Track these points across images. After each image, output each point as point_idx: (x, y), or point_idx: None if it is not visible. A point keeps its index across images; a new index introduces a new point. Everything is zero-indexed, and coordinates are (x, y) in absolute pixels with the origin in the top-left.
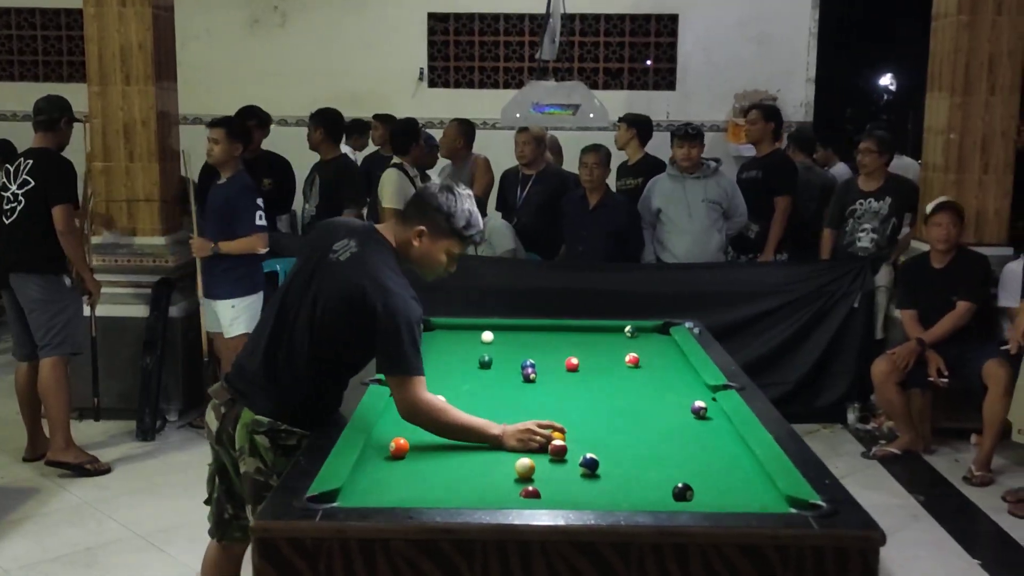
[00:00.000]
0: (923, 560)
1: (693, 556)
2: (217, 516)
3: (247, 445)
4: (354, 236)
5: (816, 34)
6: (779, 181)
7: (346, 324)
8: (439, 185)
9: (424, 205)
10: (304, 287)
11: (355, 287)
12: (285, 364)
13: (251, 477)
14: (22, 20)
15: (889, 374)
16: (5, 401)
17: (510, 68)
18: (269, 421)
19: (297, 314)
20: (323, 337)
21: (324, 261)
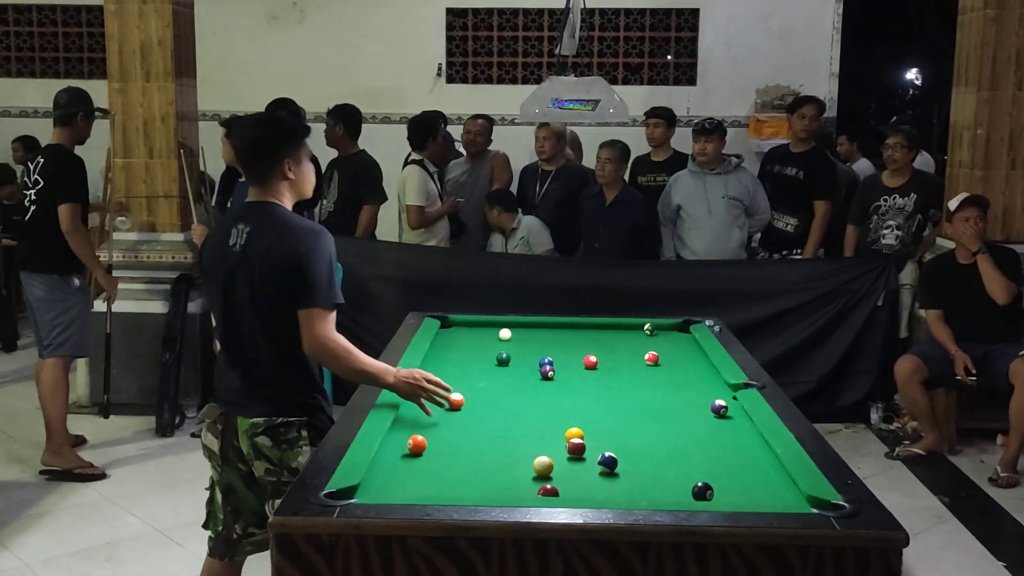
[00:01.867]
0: (947, 562)
1: (712, 556)
2: (226, 538)
3: (252, 451)
4: (239, 220)
5: (839, 28)
6: (822, 183)
7: (281, 288)
8: (255, 119)
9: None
10: (232, 289)
11: (270, 249)
12: (255, 363)
13: (265, 480)
14: (43, 17)
15: (913, 373)
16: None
17: (529, 64)
18: (264, 420)
19: (240, 314)
20: (272, 317)
21: (232, 257)
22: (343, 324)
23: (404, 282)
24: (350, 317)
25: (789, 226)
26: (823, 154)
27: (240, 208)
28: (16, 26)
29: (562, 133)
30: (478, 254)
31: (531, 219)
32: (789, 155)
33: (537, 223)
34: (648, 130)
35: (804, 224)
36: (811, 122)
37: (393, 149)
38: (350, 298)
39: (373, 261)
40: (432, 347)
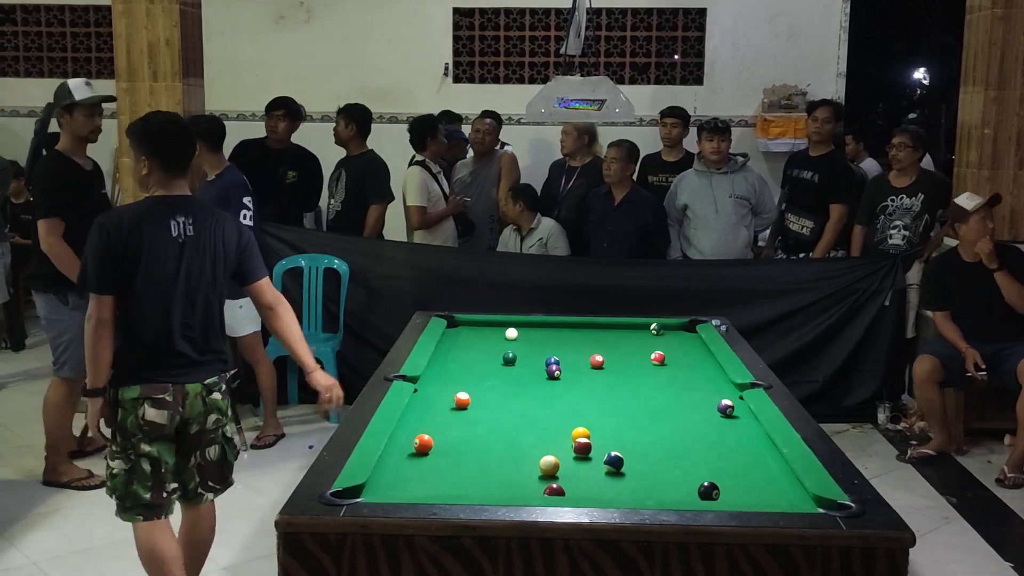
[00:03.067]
0: (954, 562)
1: (718, 555)
2: (156, 501)
3: (203, 409)
4: (175, 213)
5: (847, 27)
6: (839, 187)
7: (229, 265)
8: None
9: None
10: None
11: (224, 234)
12: (210, 333)
13: (208, 431)
14: (51, 17)
15: (931, 374)
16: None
17: (535, 63)
18: (218, 379)
19: (197, 294)
20: (223, 291)
21: (182, 247)
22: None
23: (411, 281)
24: (357, 317)
25: (805, 228)
26: (840, 158)
27: (162, 201)
28: (24, 26)
29: (586, 130)
30: (485, 254)
31: (552, 223)
32: (807, 159)
33: (557, 228)
34: (665, 130)
35: (820, 227)
36: (823, 125)
37: (400, 149)
38: (357, 297)
39: (380, 260)
40: (438, 346)
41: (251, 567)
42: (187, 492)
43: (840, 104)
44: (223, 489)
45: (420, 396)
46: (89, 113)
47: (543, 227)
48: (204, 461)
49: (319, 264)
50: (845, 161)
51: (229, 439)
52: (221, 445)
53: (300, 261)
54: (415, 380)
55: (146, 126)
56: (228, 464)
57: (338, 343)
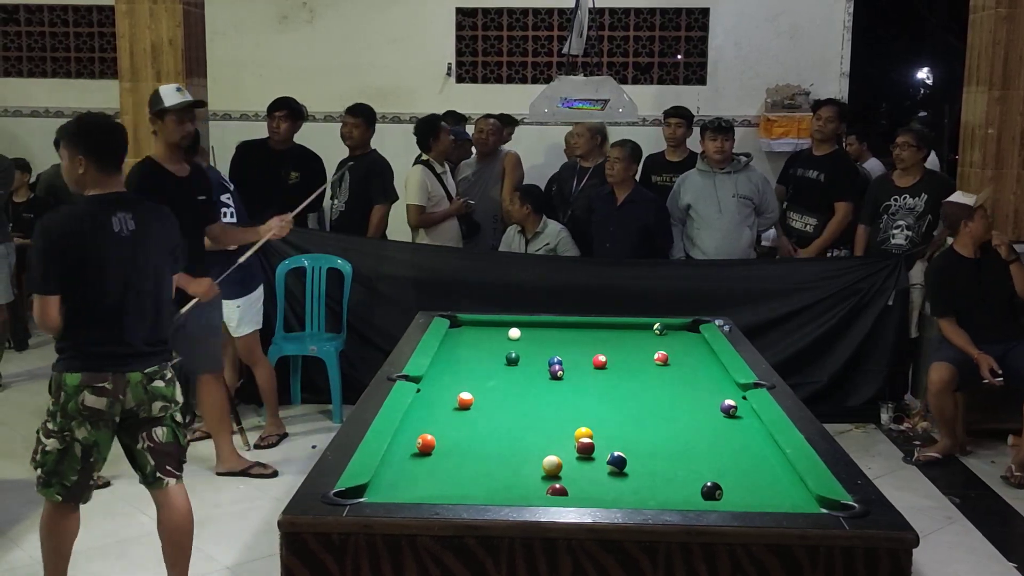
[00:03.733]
0: (958, 563)
1: (721, 556)
2: (79, 485)
3: (145, 397)
4: (116, 210)
5: (850, 27)
6: (844, 185)
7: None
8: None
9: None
10: (133, 266)
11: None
12: (156, 324)
13: (154, 417)
14: (55, 17)
15: (948, 383)
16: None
17: (538, 63)
18: (155, 369)
19: (143, 286)
20: (167, 282)
21: (125, 241)
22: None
23: (414, 282)
24: (360, 316)
25: (809, 226)
26: (845, 156)
27: (102, 200)
28: (28, 26)
29: (599, 130)
30: (487, 254)
31: (559, 227)
32: (811, 158)
33: (566, 233)
34: (670, 130)
35: (823, 224)
36: (826, 124)
37: (403, 149)
38: (360, 297)
39: (384, 260)
40: (441, 346)
41: (254, 567)
42: (146, 477)
43: (844, 104)
44: (181, 475)
45: (423, 396)
46: (179, 119)
47: (550, 231)
48: (153, 443)
49: (322, 264)
50: (850, 159)
51: (179, 424)
52: (171, 428)
53: (303, 261)
54: (418, 380)
55: (79, 126)
56: (181, 448)
57: (341, 343)
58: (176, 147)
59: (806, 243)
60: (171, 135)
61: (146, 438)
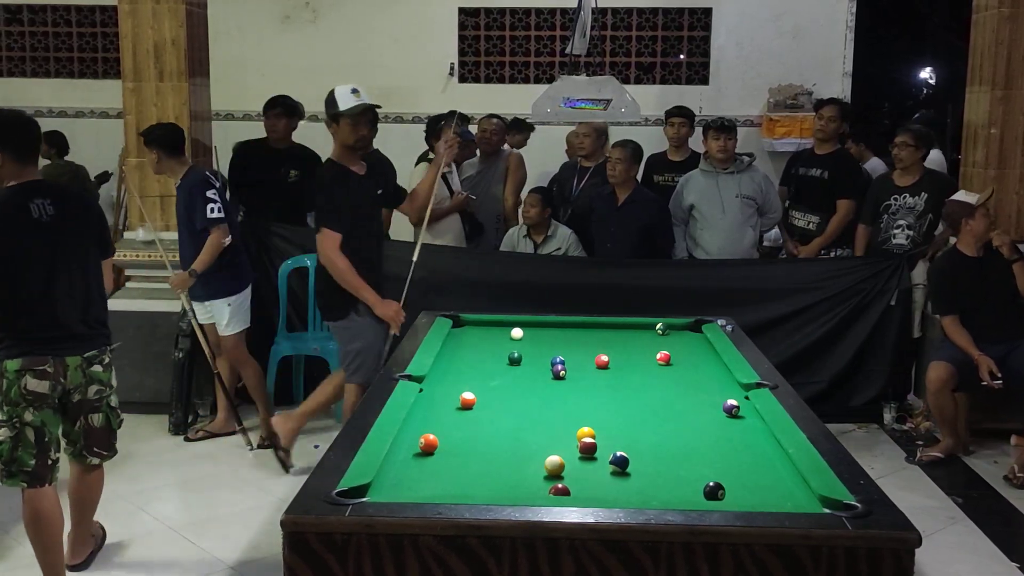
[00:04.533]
0: (960, 563)
1: (724, 556)
2: (41, 466)
3: (84, 380)
4: (33, 197)
5: (852, 27)
6: (847, 183)
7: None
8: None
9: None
10: (59, 252)
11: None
12: (90, 308)
13: (90, 400)
14: (58, 17)
15: (946, 382)
16: None
17: (541, 63)
18: (98, 352)
19: (71, 271)
20: (97, 267)
21: (46, 227)
22: None
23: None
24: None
25: (811, 224)
26: (848, 155)
27: (19, 189)
28: (31, 26)
29: (603, 130)
30: (490, 254)
31: (568, 231)
32: (813, 157)
33: (574, 238)
34: (672, 129)
35: (826, 223)
36: (828, 123)
37: (405, 149)
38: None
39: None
40: (444, 346)
41: (257, 566)
42: (75, 450)
43: (847, 103)
44: (109, 456)
45: (425, 396)
46: (354, 123)
47: (560, 235)
48: (89, 427)
49: None
50: (853, 158)
51: (113, 408)
52: (105, 414)
53: (306, 261)
54: (421, 380)
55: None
56: (112, 432)
57: None
58: (352, 149)
59: (809, 242)
60: (346, 138)
61: (83, 421)
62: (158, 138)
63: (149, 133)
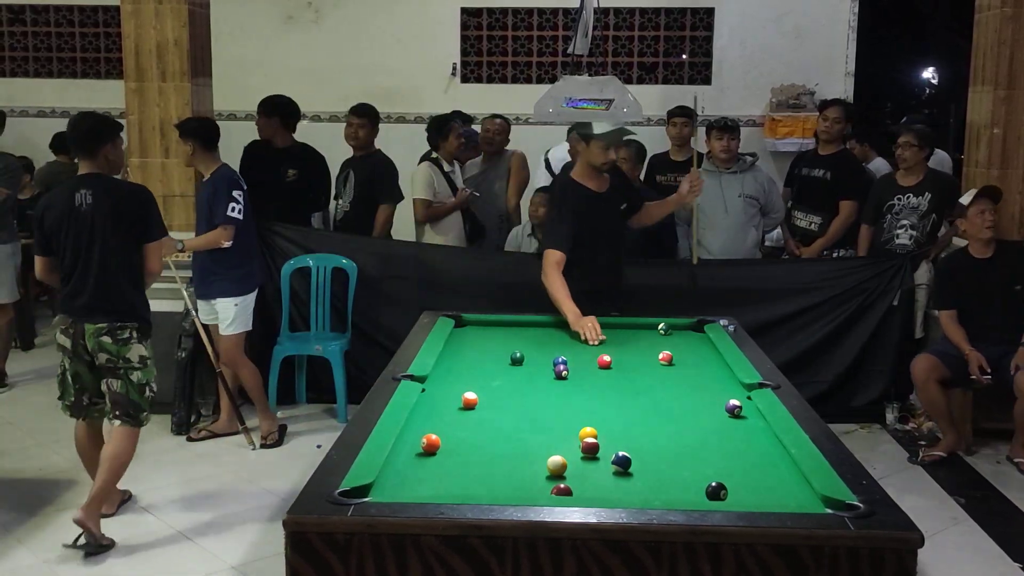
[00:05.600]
0: (963, 563)
1: (726, 556)
2: (76, 404)
3: (96, 347)
4: (79, 188)
5: (855, 27)
6: (850, 184)
7: (130, 230)
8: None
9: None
10: (88, 236)
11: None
12: (104, 286)
13: (105, 366)
14: (60, 17)
15: (930, 372)
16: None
17: (543, 63)
18: (106, 325)
19: (93, 254)
20: (123, 252)
21: (83, 215)
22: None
23: (419, 281)
24: (365, 316)
25: (813, 224)
26: (851, 156)
27: (73, 180)
28: (34, 26)
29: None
30: (492, 253)
31: None
32: (816, 157)
33: None
34: (675, 129)
35: (828, 223)
36: (832, 124)
37: (408, 149)
38: (365, 297)
39: (389, 260)
40: (446, 346)
41: (259, 566)
42: (106, 409)
43: (851, 104)
44: (130, 423)
45: (428, 396)
46: (605, 147)
47: None
48: (109, 389)
49: (327, 264)
50: (856, 159)
51: (133, 382)
52: (123, 382)
53: (308, 261)
54: (423, 380)
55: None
56: (132, 403)
57: (346, 342)
58: (596, 170)
59: (811, 242)
60: (593, 159)
61: (107, 384)
62: (194, 130)
63: (185, 124)
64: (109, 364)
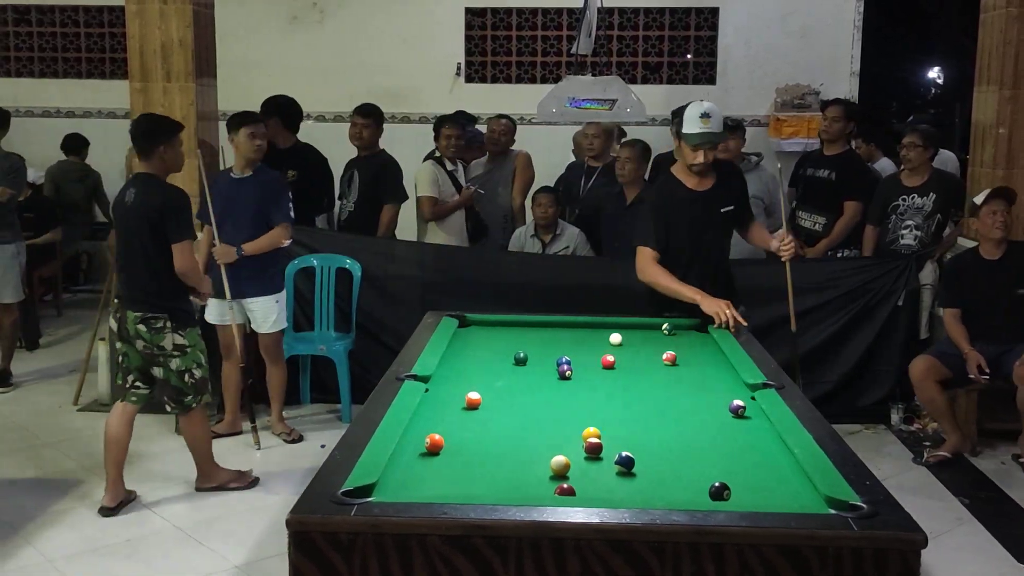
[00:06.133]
0: (967, 564)
1: (729, 556)
2: (121, 387)
3: (135, 333)
4: (131, 186)
5: (860, 27)
6: (854, 184)
7: (153, 230)
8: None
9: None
10: (128, 230)
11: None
12: (138, 278)
13: (142, 352)
14: (66, 17)
15: (927, 372)
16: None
17: (547, 63)
18: (140, 314)
19: (133, 247)
20: (151, 248)
21: (128, 209)
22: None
23: (423, 281)
24: (369, 316)
25: (818, 225)
26: (856, 156)
27: (131, 178)
28: (39, 27)
29: (612, 130)
30: (497, 253)
31: (576, 231)
32: (821, 157)
33: (582, 237)
34: None
35: (833, 224)
36: (832, 124)
37: (412, 149)
38: (369, 297)
39: (393, 260)
40: (450, 346)
41: (262, 566)
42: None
43: (852, 103)
44: (177, 410)
45: (431, 396)
46: (693, 149)
47: (569, 234)
48: (155, 377)
49: (332, 264)
50: (861, 159)
51: (172, 370)
52: (165, 370)
53: (312, 261)
54: (426, 380)
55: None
56: (174, 388)
57: (350, 342)
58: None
59: (815, 242)
60: (684, 158)
61: (155, 372)
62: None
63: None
64: (147, 351)
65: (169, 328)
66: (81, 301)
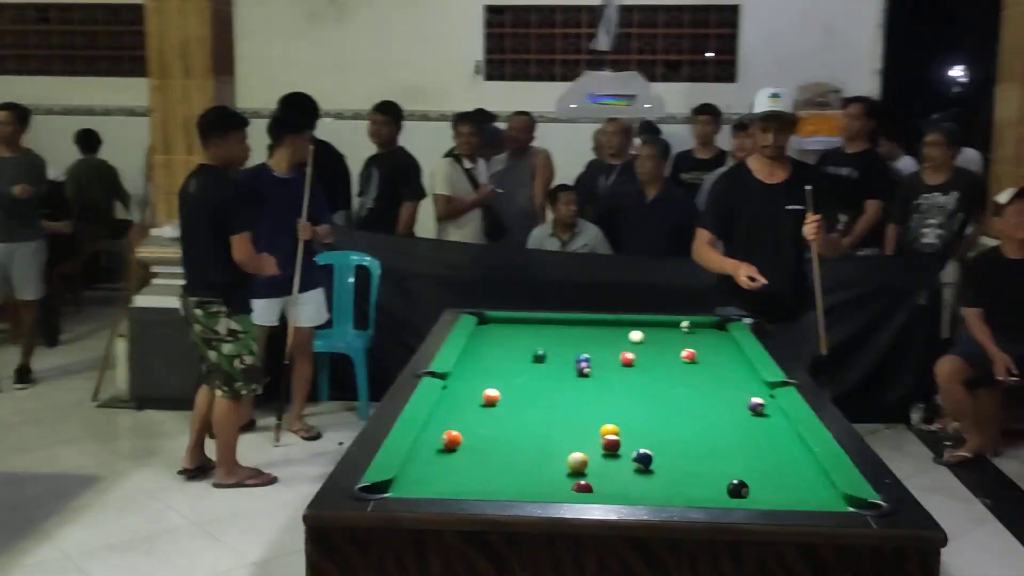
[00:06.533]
0: (988, 565)
1: (747, 554)
2: (203, 373)
3: (193, 318)
4: (193, 176)
5: (883, 25)
6: (876, 183)
7: (209, 220)
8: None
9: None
10: (188, 219)
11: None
12: (195, 264)
13: (201, 336)
14: (85, 15)
15: (954, 374)
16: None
17: (567, 60)
18: (197, 299)
19: (190, 235)
20: (204, 236)
21: (187, 198)
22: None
23: (442, 279)
24: (388, 313)
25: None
26: (877, 155)
27: (196, 167)
28: (59, 24)
29: (630, 128)
30: (516, 251)
31: (595, 229)
32: (843, 156)
33: (601, 235)
34: (699, 127)
35: (854, 222)
36: (852, 121)
37: (431, 147)
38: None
39: (412, 258)
40: (468, 343)
41: (280, 562)
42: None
43: (874, 101)
44: (226, 392)
45: (449, 392)
46: (762, 128)
47: (587, 233)
48: (208, 360)
49: (350, 262)
50: (883, 159)
51: (223, 355)
52: (217, 353)
53: (331, 258)
54: (444, 376)
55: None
56: (224, 373)
57: (369, 340)
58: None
59: None
60: (757, 141)
61: (209, 354)
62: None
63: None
64: (203, 335)
65: (224, 313)
66: (101, 298)
